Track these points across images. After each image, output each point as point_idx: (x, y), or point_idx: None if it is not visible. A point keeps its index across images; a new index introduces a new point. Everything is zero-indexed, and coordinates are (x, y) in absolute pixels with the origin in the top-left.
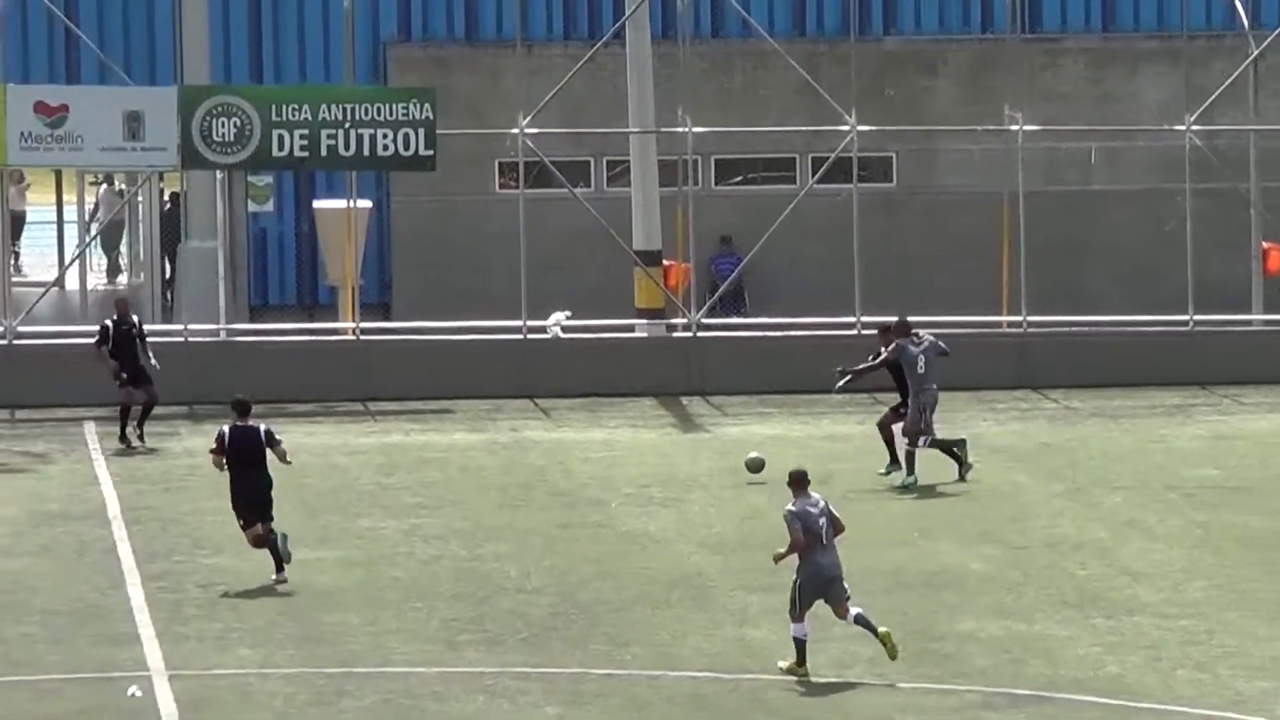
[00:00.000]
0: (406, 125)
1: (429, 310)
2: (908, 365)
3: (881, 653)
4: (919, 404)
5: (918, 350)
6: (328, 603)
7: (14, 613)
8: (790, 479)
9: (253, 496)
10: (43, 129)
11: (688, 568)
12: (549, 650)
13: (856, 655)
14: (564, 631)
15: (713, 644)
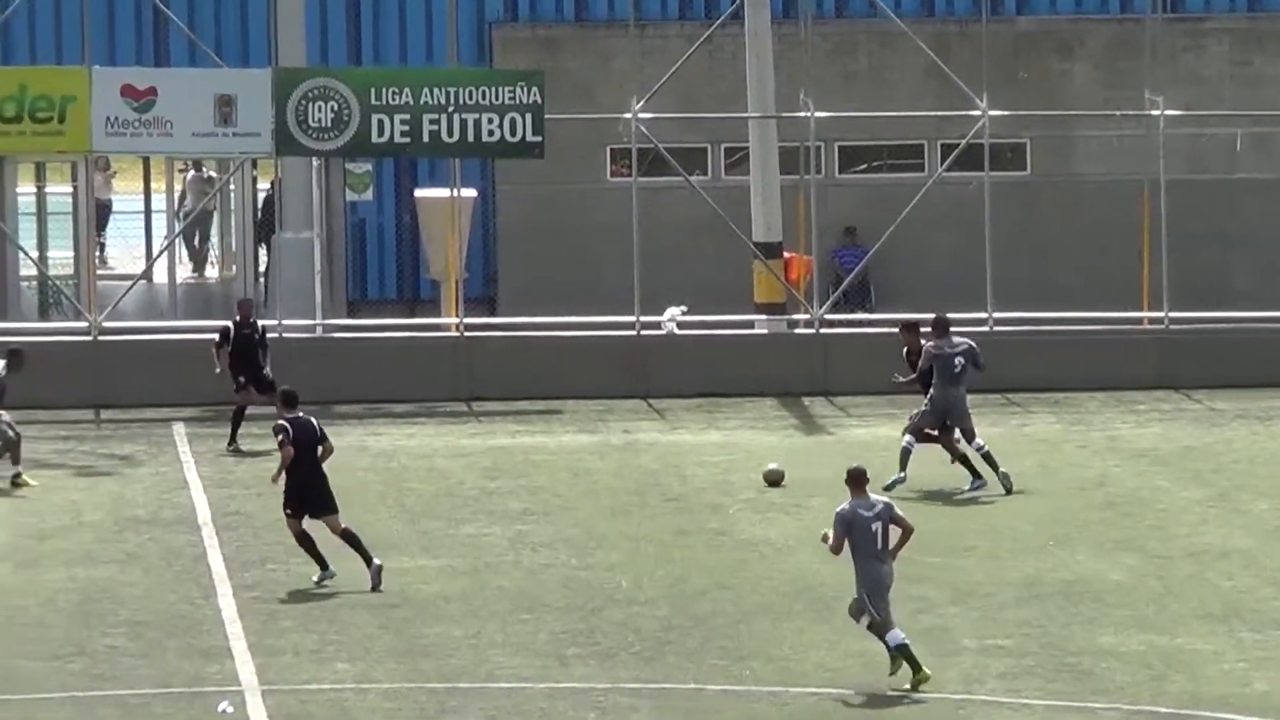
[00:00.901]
0: (513, 110)
1: (536, 305)
2: (940, 369)
3: (1015, 668)
4: (937, 406)
5: (952, 353)
6: (430, 614)
7: (100, 624)
8: (847, 477)
9: (312, 490)
10: (130, 113)
11: (810, 578)
12: (663, 665)
13: (987, 670)
14: (678, 645)
15: (836, 658)
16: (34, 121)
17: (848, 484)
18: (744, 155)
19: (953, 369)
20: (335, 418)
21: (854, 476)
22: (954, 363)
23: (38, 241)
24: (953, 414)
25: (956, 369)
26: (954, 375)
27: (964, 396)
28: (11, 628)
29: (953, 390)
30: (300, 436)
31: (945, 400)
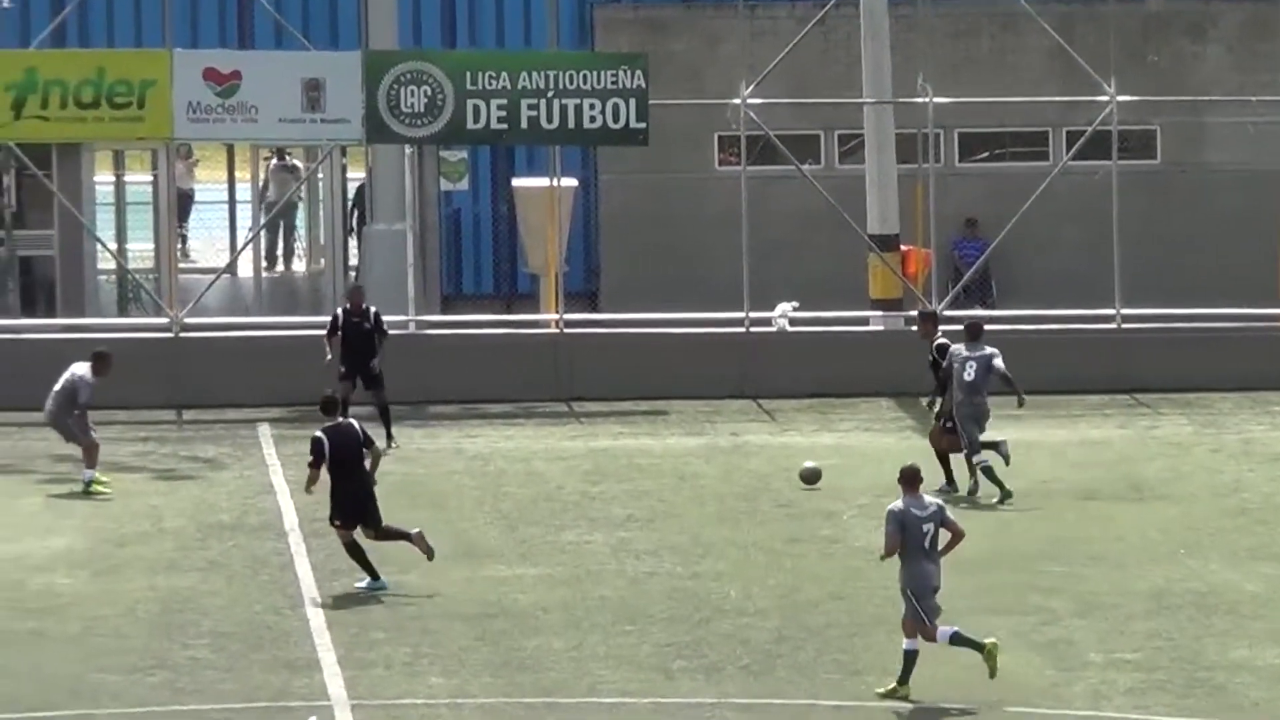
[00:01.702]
0: (616, 95)
1: (640, 300)
2: (955, 374)
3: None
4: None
5: (971, 355)
6: (528, 625)
7: (181, 635)
8: (900, 476)
9: (357, 501)
10: (213, 98)
11: None
12: (773, 679)
13: (1114, 685)
14: (790, 658)
15: (954, 671)
16: (112, 107)
17: (900, 483)
18: (859, 143)
19: (967, 374)
20: (429, 419)
21: (907, 475)
22: (966, 369)
23: (116, 233)
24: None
25: (969, 376)
26: (968, 383)
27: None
28: (89, 639)
29: (976, 398)
30: (340, 447)
31: (968, 408)
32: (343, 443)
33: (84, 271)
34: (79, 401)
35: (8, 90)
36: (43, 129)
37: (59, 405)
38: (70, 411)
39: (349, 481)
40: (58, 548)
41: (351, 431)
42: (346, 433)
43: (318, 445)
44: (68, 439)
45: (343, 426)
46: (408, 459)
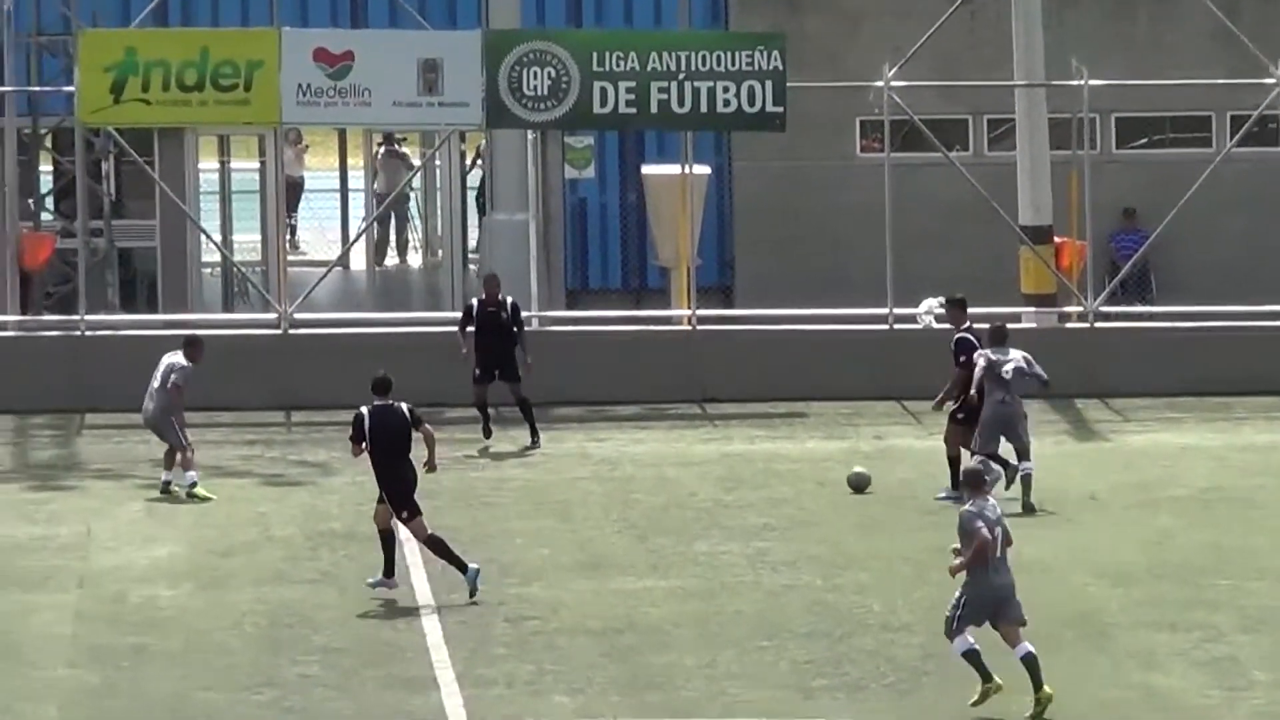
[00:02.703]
0: (751, 77)
1: (777, 296)
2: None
3: None
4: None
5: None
6: (659, 641)
7: (290, 650)
8: (965, 478)
9: (400, 488)
10: (324, 81)
11: (1083, 602)
12: (919, 699)
13: None
14: (937, 676)
15: (1113, 691)
16: (217, 90)
17: (965, 484)
18: (1010, 128)
19: (1005, 371)
20: (553, 420)
21: (973, 477)
22: (1003, 373)
23: (221, 224)
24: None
25: (1008, 373)
26: (1007, 384)
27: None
28: (193, 655)
29: (1014, 399)
30: (381, 429)
31: (998, 415)
32: (385, 425)
33: (187, 264)
34: (170, 383)
35: (107, 72)
36: (143, 113)
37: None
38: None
39: (393, 466)
40: (160, 558)
41: (398, 415)
42: (394, 415)
43: (358, 421)
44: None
45: (390, 408)
46: (531, 464)
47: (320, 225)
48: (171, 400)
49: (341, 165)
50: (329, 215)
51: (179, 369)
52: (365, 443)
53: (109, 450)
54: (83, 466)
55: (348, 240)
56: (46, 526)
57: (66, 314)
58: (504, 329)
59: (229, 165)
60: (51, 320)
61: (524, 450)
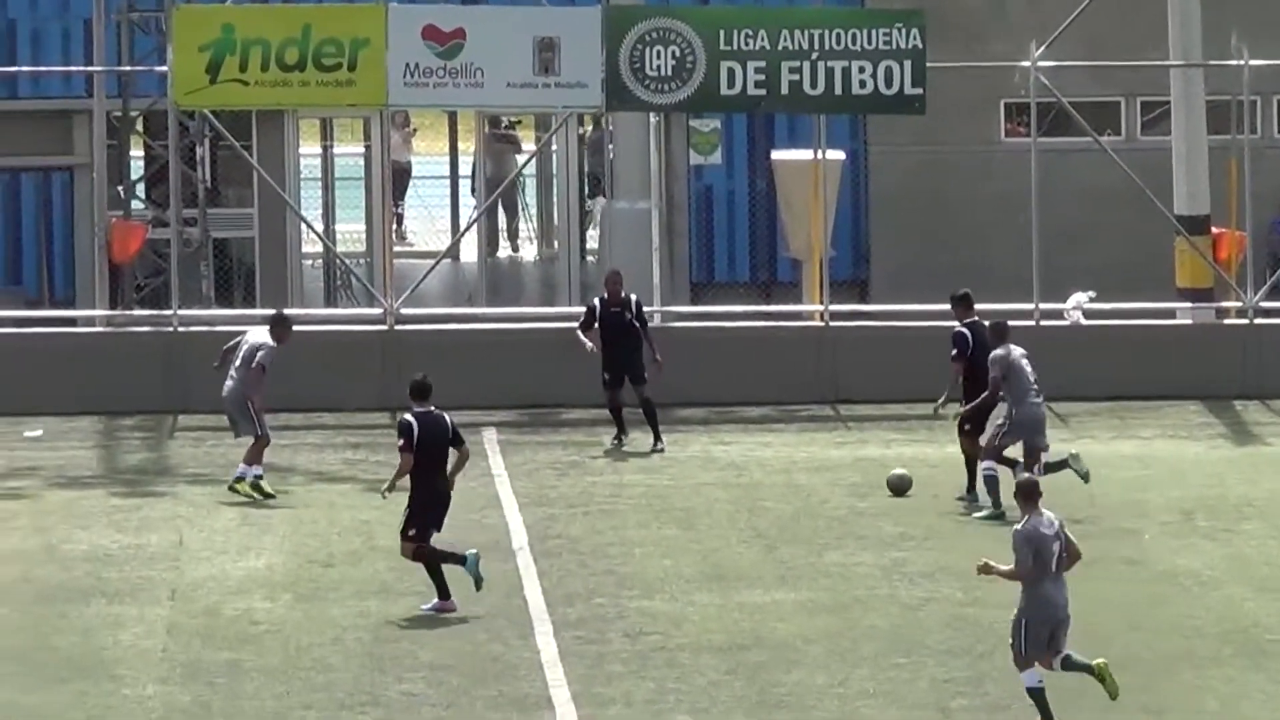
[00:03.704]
0: (889, 56)
1: (915, 290)
2: (1015, 374)
3: None
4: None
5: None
6: (787, 658)
7: (395, 667)
8: (1018, 491)
9: (438, 503)
10: (433, 60)
11: (1242, 617)
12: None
13: None
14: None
15: (1274, 713)
16: (320, 70)
17: (1017, 498)
18: (1164, 111)
19: (1029, 373)
20: (676, 423)
21: (1027, 490)
22: (1026, 367)
23: (323, 212)
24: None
25: (1032, 374)
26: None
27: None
28: (293, 671)
29: (1039, 401)
30: (428, 438)
31: (1032, 416)
32: (432, 434)
33: (287, 256)
34: (255, 362)
35: (202, 51)
36: (241, 94)
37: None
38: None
39: (432, 482)
40: (256, 568)
41: (442, 424)
42: (438, 424)
43: (408, 428)
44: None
45: (434, 416)
46: (652, 469)
47: (429, 214)
48: (253, 381)
49: (451, 150)
50: (438, 203)
51: (265, 349)
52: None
53: (203, 454)
54: (175, 471)
55: (458, 230)
56: (136, 535)
57: (158, 309)
58: (629, 329)
59: (332, 150)
60: (142, 315)
61: (646, 454)
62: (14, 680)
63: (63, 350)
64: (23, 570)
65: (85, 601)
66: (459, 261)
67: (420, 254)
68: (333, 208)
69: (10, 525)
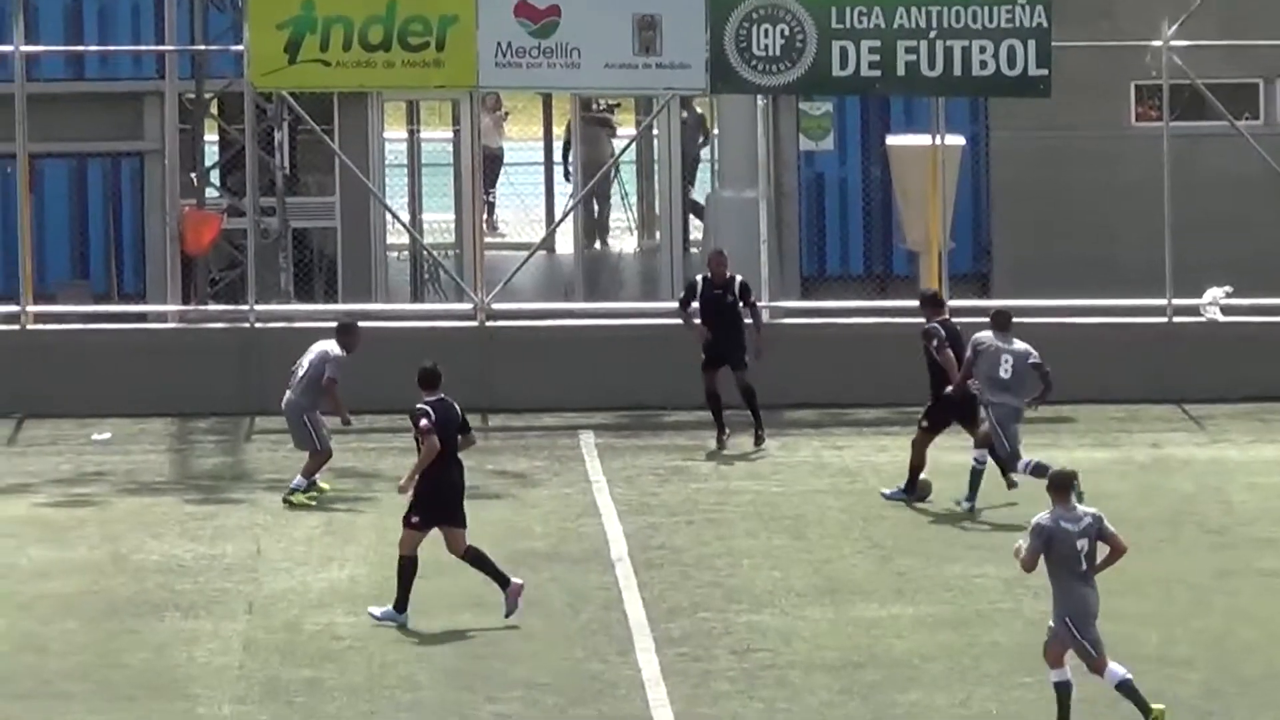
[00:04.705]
0: (1012, 35)
1: (1038, 284)
2: (988, 366)
3: None
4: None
5: (1004, 348)
6: (904, 676)
7: (487, 685)
8: (1050, 483)
9: (454, 494)
10: (526, 39)
11: None
12: None
13: None
14: (1222, 716)
15: None
16: (406, 49)
17: (1050, 490)
18: None
19: (1003, 369)
20: (785, 425)
21: (1058, 482)
22: (1002, 365)
23: (410, 201)
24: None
25: (1005, 373)
26: (1002, 380)
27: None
28: (376, 690)
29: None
30: (444, 425)
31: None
32: (446, 422)
33: (371, 247)
34: (325, 377)
35: (281, 29)
36: (322, 75)
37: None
38: (316, 400)
39: (446, 470)
40: (339, 580)
41: (453, 412)
42: (449, 411)
43: (427, 414)
44: (300, 442)
45: (447, 404)
46: (760, 475)
47: (522, 203)
48: (322, 396)
49: (546, 135)
50: (531, 192)
51: (333, 359)
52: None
53: (281, 458)
54: (252, 476)
55: (553, 220)
56: (211, 545)
57: (233, 304)
58: (730, 312)
59: (418, 135)
60: (217, 311)
61: (752, 458)
62: (82, 699)
63: (132, 348)
64: (91, 582)
65: (157, 615)
66: (554, 253)
67: (513, 245)
68: (419, 196)
69: (78, 534)
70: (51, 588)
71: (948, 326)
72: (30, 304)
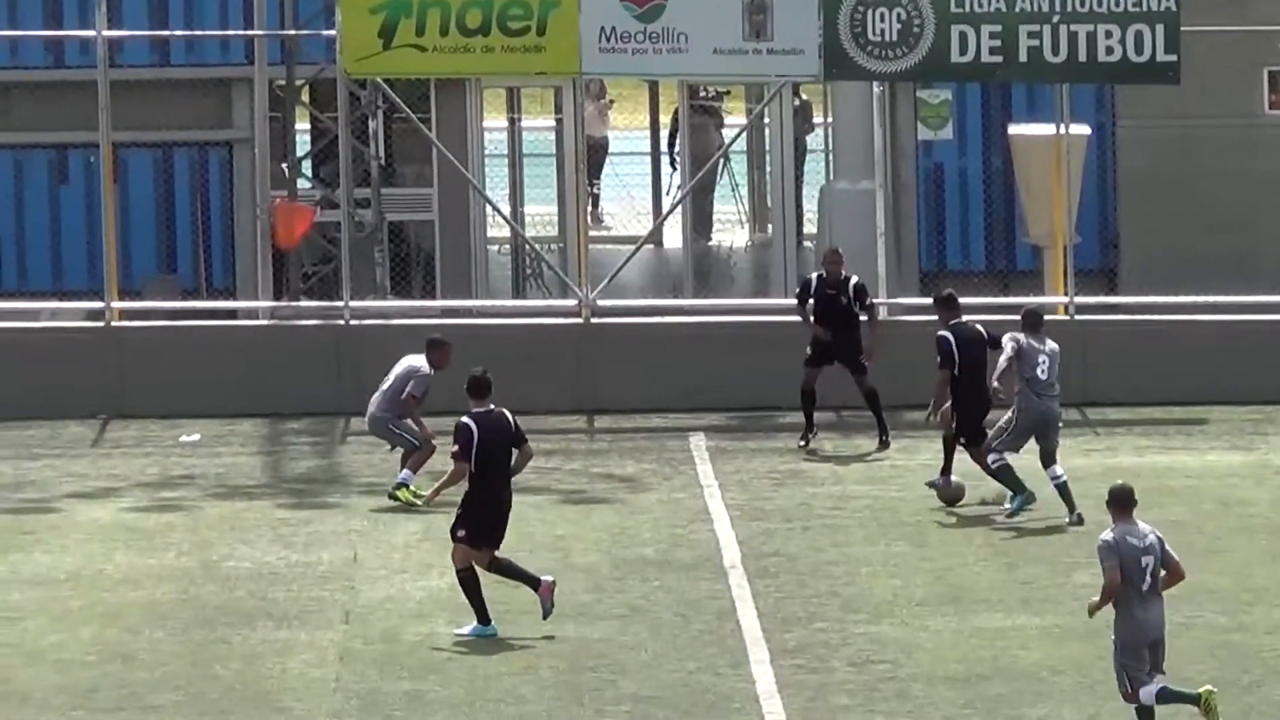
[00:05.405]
0: (1139, 20)
1: (1170, 280)
2: (1028, 367)
3: None
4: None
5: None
6: (1031, 689)
7: (595, 699)
8: (1110, 498)
9: (498, 514)
10: (631, 24)
11: None
12: None
13: None
14: None
15: None
16: (505, 35)
17: (1110, 506)
18: None
19: (1040, 369)
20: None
21: (1119, 497)
22: (1041, 362)
23: (511, 193)
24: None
25: (1043, 373)
26: (1042, 382)
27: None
28: (478, 703)
29: (1050, 399)
30: (489, 441)
31: (1035, 412)
32: (493, 436)
33: (470, 241)
34: (405, 393)
35: (375, 13)
36: (418, 61)
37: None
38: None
39: (492, 487)
40: (439, 589)
41: (504, 423)
42: (498, 423)
43: (466, 433)
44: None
45: (495, 415)
46: (878, 478)
47: (627, 195)
48: (402, 412)
49: (652, 124)
50: (637, 183)
51: (417, 377)
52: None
53: (379, 461)
54: (347, 480)
55: (660, 213)
56: (305, 551)
57: (327, 299)
58: (845, 314)
59: (519, 124)
60: (309, 307)
61: (867, 456)
62: (172, 711)
63: (222, 346)
64: (180, 590)
65: (249, 625)
66: (662, 247)
67: (618, 239)
68: (521, 188)
69: (166, 540)
70: (139, 596)
71: (962, 331)
72: (115, 300)
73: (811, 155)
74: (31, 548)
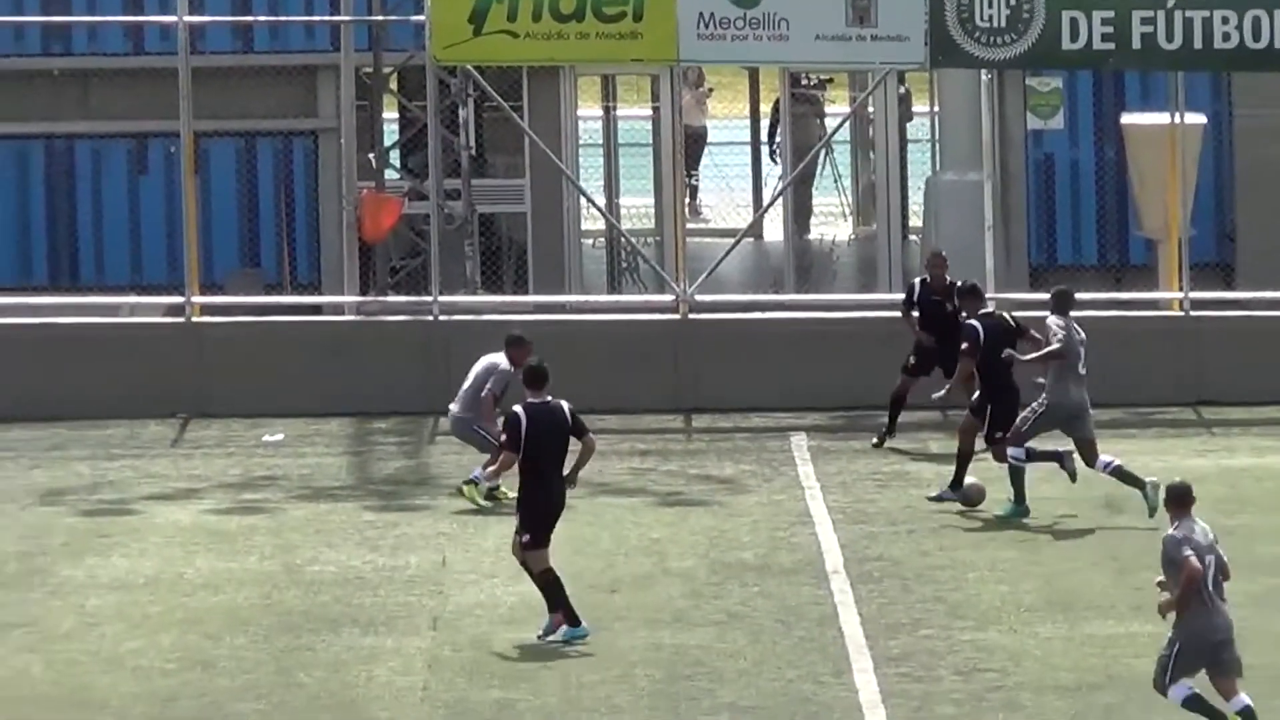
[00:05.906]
0: (1257, 5)
1: None
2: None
3: None
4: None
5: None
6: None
7: (692, 708)
8: (1169, 496)
9: (555, 507)
10: (730, 9)
11: None
12: None
13: None
14: None
15: None
16: (600, 21)
17: (1168, 505)
18: None
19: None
20: None
21: (1178, 495)
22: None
23: (606, 184)
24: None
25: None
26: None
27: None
28: (571, 713)
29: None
30: (541, 434)
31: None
32: (546, 429)
33: (564, 234)
34: (485, 391)
35: None
36: (510, 48)
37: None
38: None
39: (546, 482)
40: (529, 594)
41: (559, 415)
42: (553, 416)
43: (514, 424)
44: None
45: (550, 407)
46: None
47: (727, 186)
48: (482, 411)
49: (752, 113)
50: (737, 174)
51: (497, 374)
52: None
53: (468, 461)
54: (436, 482)
55: (760, 205)
56: (393, 555)
57: (416, 294)
58: (949, 321)
59: (614, 112)
60: (398, 302)
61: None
62: None
63: (307, 342)
64: (263, 595)
65: (334, 631)
66: (762, 241)
67: (717, 232)
68: (616, 179)
69: (248, 543)
70: (220, 601)
71: (989, 321)
72: (196, 295)
73: (913, 145)
74: (109, 551)
